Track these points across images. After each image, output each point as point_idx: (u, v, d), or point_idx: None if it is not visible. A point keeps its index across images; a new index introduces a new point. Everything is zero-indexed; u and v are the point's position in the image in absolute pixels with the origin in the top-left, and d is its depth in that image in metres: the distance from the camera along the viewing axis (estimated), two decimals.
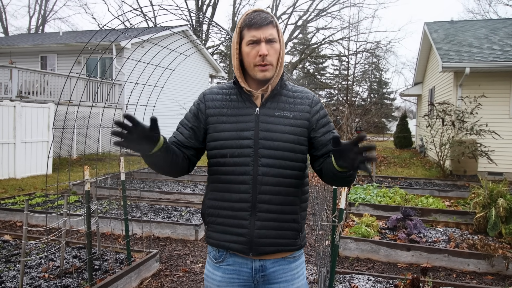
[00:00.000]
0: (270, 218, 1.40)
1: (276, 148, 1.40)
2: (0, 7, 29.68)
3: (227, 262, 1.45)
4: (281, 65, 1.43)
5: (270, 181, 1.39)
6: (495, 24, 13.21)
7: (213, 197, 1.46)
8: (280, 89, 1.46)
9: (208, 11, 27.91)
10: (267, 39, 1.37)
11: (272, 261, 1.44)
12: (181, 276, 3.61)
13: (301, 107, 1.46)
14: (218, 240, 1.44)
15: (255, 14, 1.38)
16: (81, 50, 14.41)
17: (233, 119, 1.43)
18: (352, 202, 5.95)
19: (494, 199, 4.81)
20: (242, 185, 1.39)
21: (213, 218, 1.46)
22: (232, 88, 1.48)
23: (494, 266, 3.74)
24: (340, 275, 3.50)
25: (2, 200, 6.10)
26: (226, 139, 1.41)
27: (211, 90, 1.52)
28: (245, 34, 1.39)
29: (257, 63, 1.38)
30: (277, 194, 1.40)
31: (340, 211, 2.39)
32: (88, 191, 2.95)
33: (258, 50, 1.37)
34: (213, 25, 3.49)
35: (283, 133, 1.41)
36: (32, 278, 3.22)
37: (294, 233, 1.45)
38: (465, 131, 8.82)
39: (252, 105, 1.43)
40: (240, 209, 1.40)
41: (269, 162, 1.39)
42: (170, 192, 6.79)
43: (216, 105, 1.46)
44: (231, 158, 1.40)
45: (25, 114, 8.71)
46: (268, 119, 1.42)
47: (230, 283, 1.45)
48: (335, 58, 29.83)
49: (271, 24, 1.39)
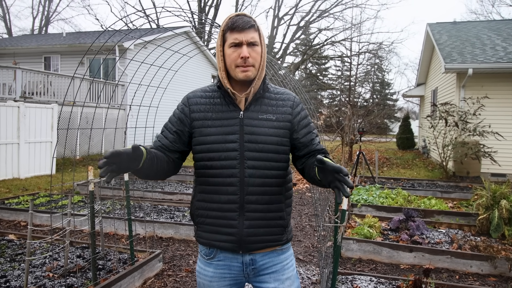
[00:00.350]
0: (258, 217, 1.46)
1: (261, 150, 1.44)
2: (4, 8, 29.86)
3: (218, 258, 1.50)
4: (262, 68, 1.46)
5: (256, 182, 1.44)
6: (498, 25, 13.18)
7: (202, 198, 1.50)
8: (263, 93, 1.50)
9: (210, 12, 27.99)
10: (249, 42, 1.41)
11: (261, 255, 1.50)
12: (184, 276, 3.63)
13: (283, 109, 1.51)
14: (209, 240, 1.50)
15: (238, 18, 1.42)
16: (83, 50, 14.50)
17: (218, 123, 1.46)
18: (355, 203, 5.96)
19: (497, 201, 4.81)
20: (230, 187, 1.43)
21: (202, 219, 1.50)
22: (215, 91, 1.51)
23: (497, 268, 3.74)
24: (343, 276, 3.50)
25: (6, 200, 6.14)
26: (212, 142, 1.44)
27: (195, 93, 1.54)
28: (228, 36, 1.42)
29: (239, 64, 1.41)
30: (264, 194, 1.45)
31: (342, 212, 2.40)
32: (92, 191, 2.97)
33: (239, 52, 1.40)
34: (215, 27, 3.52)
35: (267, 135, 1.45)
36: (37, 277, 3.25)
37: (280, 229, 1.51)
38: (468, 132, 8.81)
39: (236, 109, 1.47)
40: (228, 210, 1.45)
41: (255, 164, 1.44)
42: (173, 192, 6.81)
43: (200, 109, 1.49)
44: (218, 161, 1.44)
45: (29, 114, 8.76)
46: (252, 122, 1.46)
47: (221, 278, 1.50)
48: (337, 59, 29.84)
49: (253, 28, 1.42)
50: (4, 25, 30.09)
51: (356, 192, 6.75)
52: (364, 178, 8.81)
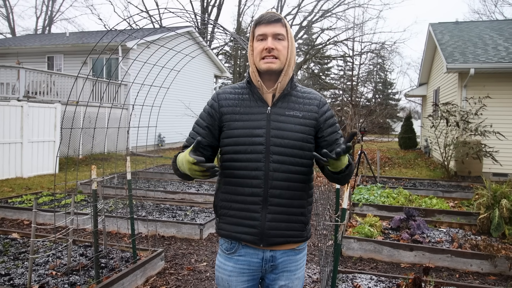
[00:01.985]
0: (280, 211, 1.48)
1: (286, 145, 1.47)
2: (8, 8, 29.98)
3: (239, 253, 1.53)
4: (289, 63, 1.49)
5: (280, 176, 1.47)
6: (500, 25, 13.15)
7: (226, 190, 1.52)
8: (290, 90, 1.53)
9: (213, 11, 28.00)
10: (274, 34, 1.44)
11: (281, 252, 1.53)
12: (185, 274, 3.66)
13: (310, 107, 1.53)
14: (230, 232, 1.52)
15: (265, 13, 1.48)
16: (86, 50, 14.55)
17: (246, 117, 1.49)
18: (356, 203, 5.97)
19: (498, 200, 4.82)
20: (254, 180, 1.46)
21: (225, 211, 1.53)
22: (244, 88, 1.55)
23: (497, 267, 3.75)
24: (343, 275, 3.53)
25: (10, 199, 6.19)
26: (239, 136, 1.48)
27: (224, 90, 1.58)
28: (255, 31, 1.48)
29: (263, 55, 1.45)
30: (287, 189, 1.48)
31: (343, 211, 2.43)
32: (95, 190, 3.01)
33: (265, 44, 1.45)
34: (218, 28, 3.54)
35: (293, 131, 1.48)
36: (40, 275, 3.29)
37: (301, 226, 1.54)
38: (469, 132, 8.80)
39: (263, 104, 1.50)
40: (252, 203, 1.47)
41: (279, 159, 1.46)
42: (175, 191, 6.85)
43: (229, 104, 1.53)
44: (244, 154, 1.47)
45: (32, 114, 8.82)
46: (279, 118, 1.49)
47: (240, 273, 1.53)
48: (340, 59, 29.78)
49: (280, 22, 1.46)
50: (7, 24, 30.17)
51: (358, 192, 6.77)
52: (365, 178, 8.82)
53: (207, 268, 3.82)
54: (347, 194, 2.48)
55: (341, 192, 3.77)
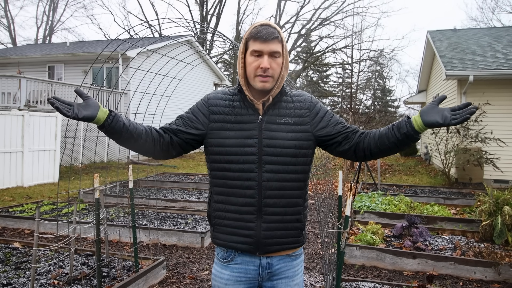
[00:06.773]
0: (276, 220, 1.48)
1: (279, 154, 1.46)
2: (9, 18, 30.18)
3: (235, 261, 1.52)
4: (282, 78, 1.48)
5: (274, 186, 1.46)
6: (498, 32, 13.25)
7: (219, 200, 1.52)
8: (280, 96, 1.52)
9: (212, 20, 28.22)
10: (270, 53, 1.42)
11: (278, 258, 1.52)
12: (188, 283, 3.64)
13: (301, 112, 1.52)
14: (225, 241, 1.51)
15: (262, 28, 1.43)
16: (87, 59, 14.61)
17: (237, 126, 1.48)
18: (357, 210, 5.96)
19: (500, 207, 4.81)
20: (248, 190, 1.46)
21: (219, 220, 1.52)
22: (236, 95, 1.54)
23: (501, 274, 3.74)
24: (346, 283, 3.51)
25: (11, 208, 6.18)
26: (231, 146, 1.47)
27: (215, 95, 1.56)
28: (250, 45, 1.44)
29: (258, 74, 1.43)
30: (281, 198, 1.48)
31: (346, 218, 2.43)
32: (98, 198, 3.00)
33: (260, 62, 1.42)
34: (218, 35, 3.57)
35: (285, 139, 1.47)
36: (42, 285, 3.27)
37: (297, 232, 1.54)
38: (470, 139, 8.81)
39: (254, 113, 1.49)
40: (246, 213, 1.47)
41: (273, 168, 1.46)
42: (175, 200, 6.83)
43: (220, 111, 1.51)
44: (236, 164, 1.46)
45: (33, 123, 8.83)
46: (271, 127, 1.48)
47: (237, 281, 1.52)
48: (338, 66, 29.95)
49: (277, 39, 1.43)
50: (8, 35, 30.37)
51: (359, 199, 6.76)
52: (366, 185, 8.81)
53: (209, 277, 3.80)
54: (349, 201, 2.47)
55: (344, 200, 3.77)
